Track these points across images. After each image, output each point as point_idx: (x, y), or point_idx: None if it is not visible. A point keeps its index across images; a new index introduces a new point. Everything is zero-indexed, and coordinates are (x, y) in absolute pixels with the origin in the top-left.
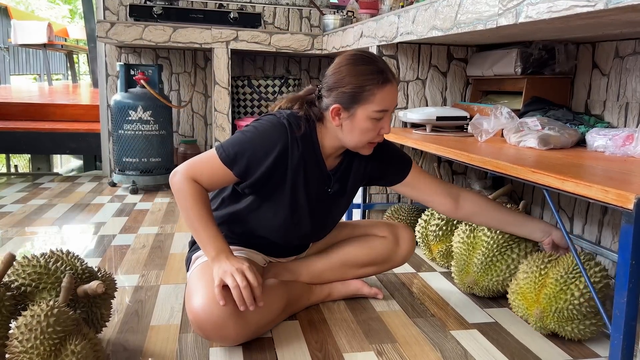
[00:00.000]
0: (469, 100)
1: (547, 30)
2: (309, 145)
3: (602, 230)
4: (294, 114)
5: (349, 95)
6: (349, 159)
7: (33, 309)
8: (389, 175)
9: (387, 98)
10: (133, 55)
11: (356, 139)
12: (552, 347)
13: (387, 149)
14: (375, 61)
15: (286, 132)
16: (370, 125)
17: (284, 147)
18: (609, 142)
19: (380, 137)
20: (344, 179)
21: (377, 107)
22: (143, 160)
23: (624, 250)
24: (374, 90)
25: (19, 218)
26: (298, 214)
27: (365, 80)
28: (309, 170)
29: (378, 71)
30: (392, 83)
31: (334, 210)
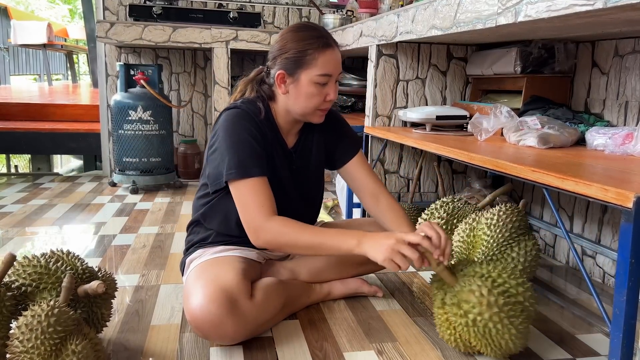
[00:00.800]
0: (469, 100)
1: (546, 29)
2: (270, 125)
3: (602, 229)
4: (246, 101)
5: (292, 61)
6: (307, 135)
7: (34, 309)
8: (339, 151)
9: (329, 62)
10: (133, 55)
11: (303, 104)
12: (552, 346)
13: (341, 125)
14: (317, 28)
15: (251, 116)
16: (314, 90)
17: (258, 129)
18: (609, 140)
19: (327, 104)
20: (305, 154)
21: (320, 71)
22: (143, 160)
23: (623, 248)
24: (315, 54)
25: (19, 218)
26: (279, 191)
27: (306, 44)
28: (275, 149)
29: (319, 36)
30: (333, 48)
31: (306, 185)
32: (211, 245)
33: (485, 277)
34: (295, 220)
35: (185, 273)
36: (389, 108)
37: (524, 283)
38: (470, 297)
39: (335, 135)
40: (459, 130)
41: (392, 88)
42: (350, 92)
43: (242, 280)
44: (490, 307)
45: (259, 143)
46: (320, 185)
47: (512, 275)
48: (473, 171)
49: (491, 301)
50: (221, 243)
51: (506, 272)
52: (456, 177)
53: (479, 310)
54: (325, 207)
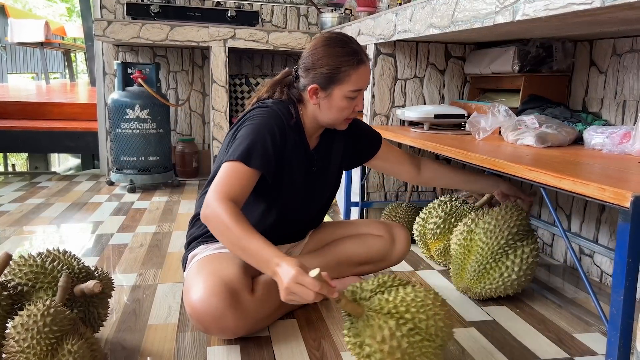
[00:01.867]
0: (467, 98)
1: (544, 28)
2: (298, 128)
3: (599, 228)
4: (278, 102)
5: (326, 76)
6: (328, 138)
7: (29, 309)
8: (365, 149)
9: (361, 78)
10: (130, 54)
11: (334, 116)
12: (549, 345)
13: (360, 126)
14: (350, 42)
15: (281, 118)
16: (346, 104)
17: (282, 131)
18: (607, 139)
19: (354, 114)
20: (326, 157)
21: (353, 87)
22: (141, 159)
23: (620, 248)
24: (349, 71)
25: (16, 217)
26: (293, 193)
27: (341, 61)
28: (298, 151)
29: (353, 52)
30: (365, 64)
31: (322, 188)
32: (213, 240)
33: (391, 313)
34: (243, 217)
35: (187, 268)
36: (387, 107)
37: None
38: (372, 341)
39: (356, 136)
40: (457, 129)
41: (390, 87)
42: None
43: (244, 275)
44: (393, 353)
45: (276, 146)
46: (336, 187)
47: (422, 309)
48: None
49: (393, 346)
50: None
51: (415, 304)
52: None
53: (381, 357)
54: None
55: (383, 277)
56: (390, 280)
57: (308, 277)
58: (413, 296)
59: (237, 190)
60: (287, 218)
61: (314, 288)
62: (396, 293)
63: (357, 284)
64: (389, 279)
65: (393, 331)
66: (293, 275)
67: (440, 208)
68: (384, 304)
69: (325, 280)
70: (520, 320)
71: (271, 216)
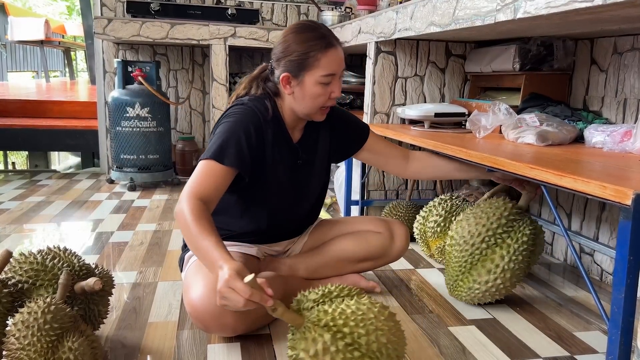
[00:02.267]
0: (467, 97)
1: (545, 26)
2: (276, 122)
3: (600, 227)
4: (254, 98)
5: (296, 63)
6: (312, 131)
7: (30, 306)
8: (352, 140)
9: (332, 62)
10: (130, 52)
11: (309, 105)
12: (549, 343)
13: (346, 118)
14: (318, 28)
15: (256, 114)
16: (320, 90)
17: (259, 127)
18: (607, 138)
19: (332, 101)
20: (311, 150)
21: (324, 72)
22: (141, 157)
23: (621, 246)
24: (317, 56)
25: (16, 215)
26: (281, 189)
27: (309, 46)
28: (281, 145)
29: (321, 37)
30: (335, 47)
31: (310, 182)
32: None
33: (328, 326)
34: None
35: (185, 268)
36: (388, 105)
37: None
38: (304, 355)
39: (342, 127)
40: (458, 127)
41: (390, 85)
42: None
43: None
44: None
45: (251, 143)
46: (325, 181)
47: (362, 323)
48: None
49: None
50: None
51: (355, 317)
52: None
53: None
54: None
55: (330, 286)
56: (337, 290)
57: (240, 282)
58: (354, 309)
59: (208, 188)
60: (280, 214)
61: (244, 294)
62: (337, 304)
63: (305, 292)
64: (336, 289)
65: (327, 346)
66: (226, 279)
67: (441, 206)
68: (322, 315)
69: (260, 287)
70: (521, 319)
71: (263, 214)
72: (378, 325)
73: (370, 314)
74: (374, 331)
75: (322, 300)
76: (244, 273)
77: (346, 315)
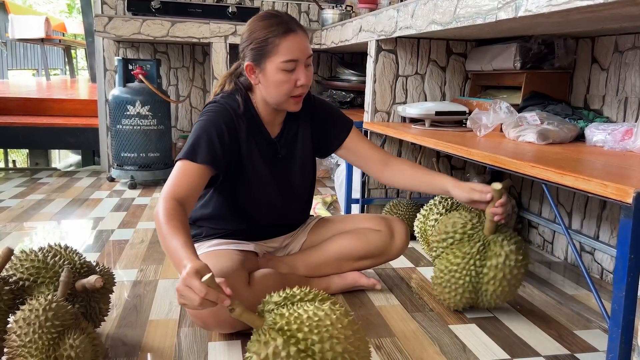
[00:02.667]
0: (468, 95)
1: (546, 25)
2: (250, 117)
3: (600, 225)
4: (227, 95)
5: (256, 51)
6: (292, 124)
7: (31, 303)
8: (332, 135)
9: (292, 47)
10: (131, 50)
11: (274, 93)
12: (550, 342)
13: (330, 111)
14: (280, 15)
15: (227, 110)
16: (282, 77)
17: (231, 123)
18: (608, 136)
19: (300, 90)
20: (292, 144)
21: (284, 58)
22: (141, 155)
23: (622, 244)
24: (275, 41)
25: (17, 213)
26: (263, 184)
27: (267, 33)
28: (257, 140)
29: (279, 23)
30: (296, 32)
31: (292, 176)
32: (206, 238)
33: (282, 330)
34: (177, 217)
35: None
36: (388, 104)
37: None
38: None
39: (323, 121)
40: (458, 126)
41: (391, 84)
42: (349, 87)
43: (240, 269)
44: None
45: (223, 139)
46: (308, 176)
47: (317, 329)
48: (472, 167)
49: None
50: (215, 236)
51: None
52: (455, 173)
53: None
54: (324, 203)
55: (296, 290)
56: (302, 294)
57: (196, 280)
58: (311, 314)
59: (183, 188)
60: (267, 209)
61: (200, 293)
62: (296, 308)
63: (272, 294)
64: (300, 292)
65: (278, 350)
66: (183, 277)
67: (441, 205)
68: (278, 319)
69: (218, 287)
70: (521, 317)
71: (251, 210)
72: (334, 333)
73: (327, 320)
74: (328, 339)
75: (283, 303)
76: (203, 272)
77: (301, 320)
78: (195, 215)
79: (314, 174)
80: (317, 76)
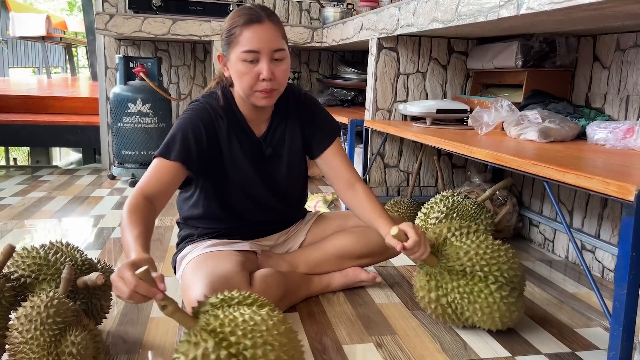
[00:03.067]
0: (469, 93)
1: (548, 23)
2: (232, 114)
3: (601, 224)
4: (208, 94)
5: (224, 41)
6: (279, 122)
7: (33, 300)
8: (316, 139)
9: (252, 38)
10: (132, 48)
11: (238, 85)
12: (551, 340)
13: (318, 112)
14: (251, 7)
15: (206, 109)
16: (243, 68)
17: (209, 122)
18: (610, 135)
19: (265, 84)
20: (279, 142)
21: (243, 48)
22: (142, 153)
23: (624, 242)
24: (238, 31)
25: (18, 211)
26: (249, 183)
27: (232, 22)
28: (240, 139)
29: (246, 13)
30: (261, 23)
31: (280, 175)
32: (200, 239)
33: (215, 332)
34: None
35: (178, 270)
36: (389, 102)
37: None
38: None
39: (310, 122)
40: (460, 124)
41: (392, 82)
42: (351, 85)
43: (241, 270)
44: None
45: (199, 137)
46: (298, 175)
47: (250, 334)
48: (473, 165)
49: None
50: (209, 236)
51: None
52: (456, 172)
53: None
54: (325, 201)
55: (235, 292)
56: (240, 297)
57: (129, 272)
58: (247, 318)
59: (152, 185)
60: (256, 208)
61: (130, 285)
62: (232, 311)
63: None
64: (240, 295)
65: (208, 352)
66: (119, 268)
67: (442, 203)
68: (212, 320)
69: (152, 281)
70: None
71: (241, 209)
72: (268, 340)
73: (262, 325)
74: (262, 345)
75: (220, 305)
76: (141, 265)
77: (236, 324)
78: (186, 215)
79: (304, 172)
80: (318, 74)
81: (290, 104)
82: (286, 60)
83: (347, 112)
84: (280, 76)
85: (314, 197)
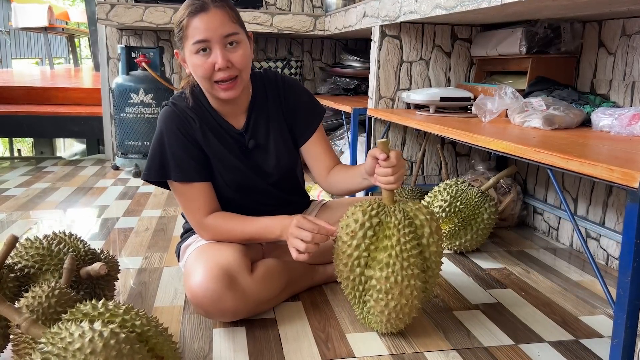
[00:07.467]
0: (473, 81)
1: (553, 8)
2: (203, 112)
3: (606, 211)
4: (177, 95)
5: (177, 37)
6: (258, 111)
7: (34, 290)
8: (298, 126)
9: (199, 27)
10: (134, 38)
11: (197, 79)
12: (555, 327)
13: (301, 95)
14: None
15: (175, 112)
16: (197, 60)
17: (182, 126)
18: (615, 121)
19: (222, 74)
20: (260, 132)
21: (193, 39)
22: (145, 143)
23: (628, 229)
24: (186, 24)
25: (22, 201)
26: (240, 175)
27: (180, 15)
28: (217, 135)
29: (192, 3)
30: (207, 11)
31: (268, 164)
32: None
33: (42, 351)
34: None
35: (182, 259)
36: (393, 90)
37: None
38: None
39: (292, 107)
40: (463, 112)
41: (395, 69)
42: (353, 74)
43: (241, 257)
44: None
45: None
46: (288, 162)
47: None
48: (477, 154)
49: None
50: None
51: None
52: (460, 160)
53: None
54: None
55: (109, 305)
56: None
57: (305, 220)
58: (76, 335)
59: (201, 203)
60: (252, 198)
61: (314, 229)
62: (69, 326)
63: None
64: (116, 308)
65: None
66: (293, 223)
67: (446, 191)
68: (48, 335)
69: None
70: (526, 303)
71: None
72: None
73: (89, 348)
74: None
75: (82, 318)
76: (300, 220)
77: (60, 339)
78: None
79: (296, 158)
80: (321, 63)
81: (268, 90)
82: (242, 45)
83: (350, 101)
84: (238, 61)
85: (317, 187)
